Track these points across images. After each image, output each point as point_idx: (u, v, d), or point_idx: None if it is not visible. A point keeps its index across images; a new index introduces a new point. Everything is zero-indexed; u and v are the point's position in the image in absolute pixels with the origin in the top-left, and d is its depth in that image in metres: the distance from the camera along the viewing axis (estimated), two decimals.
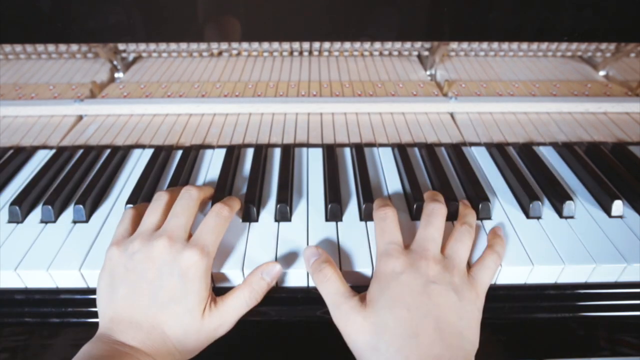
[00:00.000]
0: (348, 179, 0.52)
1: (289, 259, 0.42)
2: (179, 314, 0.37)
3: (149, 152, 0.57)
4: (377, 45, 0.79)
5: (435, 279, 0.37)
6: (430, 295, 0.36)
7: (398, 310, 0.36)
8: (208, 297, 0.39)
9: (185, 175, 0.52)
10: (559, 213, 0.47)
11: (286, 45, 0.79)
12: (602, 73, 0.76)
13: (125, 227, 0.42)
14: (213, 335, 0.39)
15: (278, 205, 0.46)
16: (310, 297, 0.42)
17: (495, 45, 0.78)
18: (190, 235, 0.40)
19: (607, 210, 0.47)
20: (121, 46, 0.75)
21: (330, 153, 0.55)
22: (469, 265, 0.41)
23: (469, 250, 0.41)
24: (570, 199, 0.47)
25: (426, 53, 0.77)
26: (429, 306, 0.36)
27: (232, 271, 0.41)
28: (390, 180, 0.52)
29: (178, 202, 0.42)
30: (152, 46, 0.77)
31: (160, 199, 0.43)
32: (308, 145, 0.58)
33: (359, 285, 0.41)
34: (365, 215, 0.46)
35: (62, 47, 0.76)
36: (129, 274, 0.38)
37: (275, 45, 0.79)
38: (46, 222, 0.46)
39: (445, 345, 0.35)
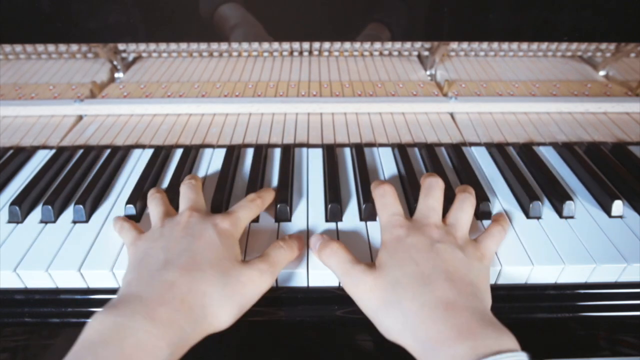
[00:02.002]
0: (348, 179, 0.52)
1: None
2: (216, 259, 0.36)
3: (149, 152, 0.57)
4: (377, 45, 0.79)
5: (439, 239, 0.39)
6: (438, 252, 0.37)
7: (407, 266, 0.37)
8: (242, 257, 0.39)
9: (185, 175, 0.52)
10: (559, 213, 0.47)
11: (286, 45, 0.79)
12: (602, 73, 0.76)
13: (135, 230, 0.42)
14: (258, 278, 0.37)
15: (278, 205, 0.46)
16: (311, 297, 0.42)
17: (495, 45, 0.78)
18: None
19: (607, 210, 0.47)
20: (121, 46, 0.75)
21: (330, 153, 0.55)
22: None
23: (470, 218, 0.42)
24: (570, 199, 0.47)
25: (426, 53, 0.77)
26: (437, 261, 0.37)
27: None
28: (390, 180, 0.52)
29: (185, 191, 0.44)
30: (152, 46, 0.77)
31: (156, 196, 0.44)
32: (308, 145, 0.58)
33: None
34: (366, 215, 0.46)
35: (62, 47, 0.76)
36: (156, 242, 0.38)
37: (275, 45, 0.79)
38: (46, 222, 0.46)
39: (458, 292, 0.35)
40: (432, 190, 0.43)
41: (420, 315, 0.34)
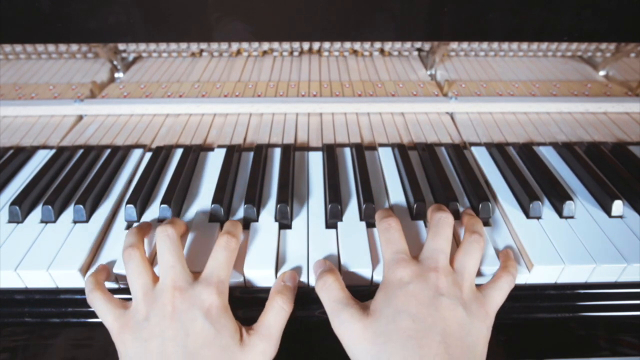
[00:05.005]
0: (348, 179, 0.52)
1: (289, 258, 0.42)
2: (215, 355, 0.35)
3: (149, 152, 0.57)
4: (377, 45, 0.79)
5: (444, 291, 0.36)
6: (438, 308, 0.35)
7: (402, 320, 0.35)
8: (239, 328, 0.37)
9: (185, 176, 0.52)
10: (559, 213, 0.47)
11: (286, 45, 0.79)
12: (602, 73, 0.76)
13: (113, 307, 0.38)
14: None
15: (278, 205, 0.46)
16: (310, 297, 0.42)
17: (495, 45, 0.78)
18: (193, 274, 0.39)
19: (607, 210, 0.47)
20: (121, 46, 0.75)
21: (330, 153, 0.55)
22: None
23: (478, 264, 0.40)
24: (570, 199, 0.47)
25: (426, 53, 0.77)
26: (436, 318, 0.35)
27: (232, 272, 0.41)
28: (390, 180, 0.52)
29: (163, 250, 0.39)
30: (152, 46, 0.77)
31: (132, 257, 0.39)
32: (308, 145, 0.58)
33: (359, 286, 0.41)
34: (366, 216, 0.46)
35: (62, 47, 0.76)
36: (150, 344, 0.35)
37: (275, 45, 0.79)
38: (46, 222, 0.46)
39: (450, 359, 0.34)
40: (441, 228, 0.41)
41: None
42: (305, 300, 0.41)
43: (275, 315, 0.38)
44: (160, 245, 0.39)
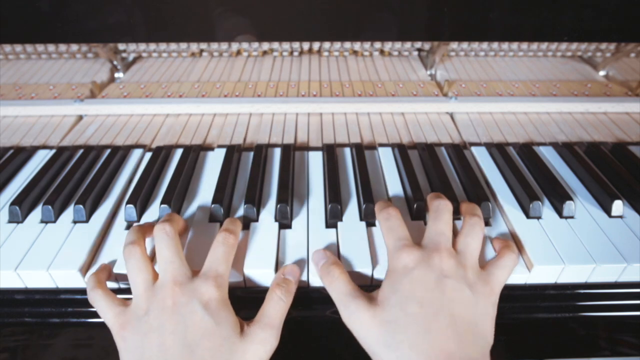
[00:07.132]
0: (348, 179, 0.52)
1: (289, 258, 0.42)
2: (216, 346, 0.35)
3: (149, 152, 0.57)
4: (377, 45, 0.79)
5: (448, 273, 0.37)
6: (444, 290, 0.36)
7: (410, 306, 0.36)
8: (239, 322, 0.37)
9: (185, 175, 0.52)
10: (559, 213, 0.47)
11: (286, 45, 0.79)
12: (602, 73, 0.76)
13: (113, 305, 0.38)
14: (263, 351, 0.37)
15: (278, 205, 0.46)
16: (311, 297, 0.42)
17: (495, 45, 0.78)
18: (193, 271, 0.39)
19: (607, 210, 0.47)
20: (121, 46, 0.75)
21: (330, 153, 0.55)
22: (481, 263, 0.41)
23: (480, 244, 0.41)
24: (570, 199, 0.47)
25: (426, 53, 0.77)
26: (443, 301, 0.36)
27: (232, 272, 0.41)
28: (390, 180, 0.52)
29: (161, 246, 0.39)
30: (152, 46, 0.77)
31: (133, 254, 0.39)
32: (308, 145, 0.58)
33: (360, 285, 0.41)
34: (365, 215, 0.46)
35: (62, 47, 0.76)
36: (149, 337, 0.35)
37: (275, 45, 0.79)
38: (46, 222, 0.46)
39: (459, 341, 0.35)
40: (441, 213, 0.41)
41: None
42: (306, 300, 0.42)
43: (274, 306, 0.38)
44: (158, 242, 0.39)
